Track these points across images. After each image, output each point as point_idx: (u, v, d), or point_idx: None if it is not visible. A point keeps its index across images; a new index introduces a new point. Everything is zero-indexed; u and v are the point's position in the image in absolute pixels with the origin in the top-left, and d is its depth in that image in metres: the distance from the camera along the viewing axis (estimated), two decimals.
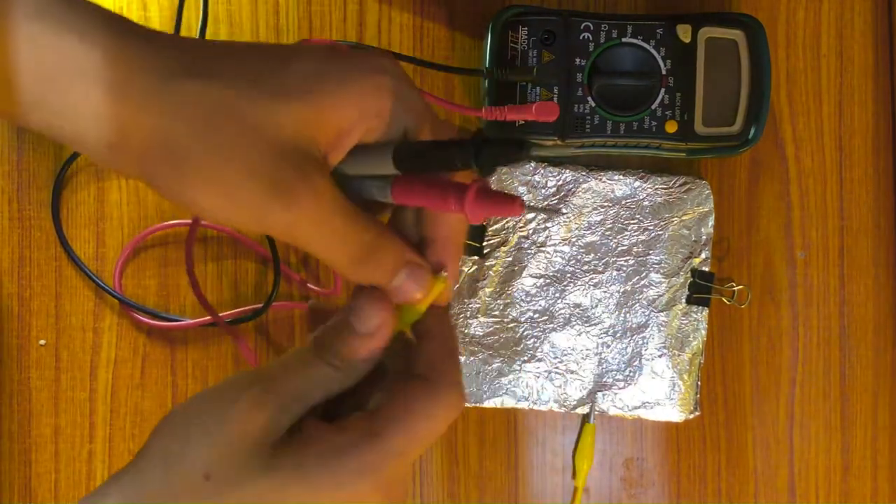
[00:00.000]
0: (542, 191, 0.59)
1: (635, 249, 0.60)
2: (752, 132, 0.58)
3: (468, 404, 0.59)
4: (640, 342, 0.60)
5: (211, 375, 0.59)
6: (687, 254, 0.60)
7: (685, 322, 0.60)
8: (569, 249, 0.60)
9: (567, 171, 0.59)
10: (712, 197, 0.60)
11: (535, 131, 0.56)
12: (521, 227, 0.59)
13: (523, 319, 0.59)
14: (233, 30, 0.59)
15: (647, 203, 0.60)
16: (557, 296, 0.60)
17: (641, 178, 0.60)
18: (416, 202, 0.33)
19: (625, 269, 0.60)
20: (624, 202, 0.60)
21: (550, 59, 0.55)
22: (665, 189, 0.60)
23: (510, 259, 0.59)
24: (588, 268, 0.60)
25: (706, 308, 0.60)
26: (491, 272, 0.59)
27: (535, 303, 0.59)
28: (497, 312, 0.59)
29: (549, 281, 0.60)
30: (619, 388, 0.60)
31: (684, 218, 0.60)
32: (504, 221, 0.59)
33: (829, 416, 0.62)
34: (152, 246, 0.58)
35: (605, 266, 0.60)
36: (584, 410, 0.60)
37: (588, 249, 0.60)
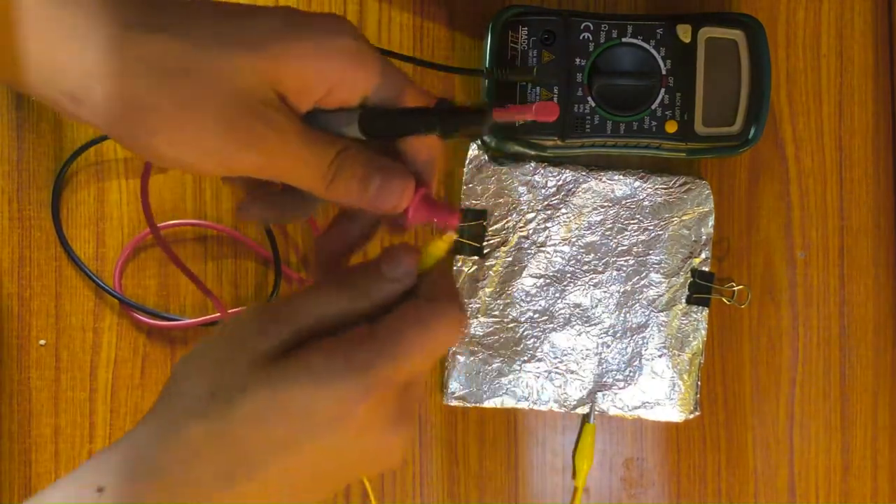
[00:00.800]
0: (542, 191, 0.59)
1: (635, 249, 0.60)
2: (752, 132, 0.58)
3: (468, 404, 0.59)
4: (640, 342, 0.60)
5: None
6: (687, 254, 0.60)
7: (685, 322, 0.60)
8: (569, 249, 0.60)
9: (567, 171, 0.59)
10: (712, 197, 0.60)
11: (535, 131, 0.56)
12: (521, 227, 0.59)
13: (523, 319, 0.59)
14: None
15: (647, 203, 0.60)
16: (557, 296, 0.59)
17: (641, 178, 0.60)
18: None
19: (625, 269, 0.60)
20: (624, 202, 0.60)
21: (550, 59, 0.55)
22: (665, 189, 0.60)
23: (510, 259, 0.59)
24: (588, 268, 0.60)
25: (706, 308, 0.60)
26: (491, 272, 0.59)
27: (535, 303, 0.59)
28: (497, 312, 0.59)
29: (549, 281, 0.60)
30: (619, 388, 0.60)
31: (684, 218, 0.60)
32: (504, 221, 0.59)
33: (829, 416, 0.62)
34: (152, 246, 0.58)
35: (605, 266, 0.60)
36: (584, 410, 0.60)
37: (588, 249, 0.60)
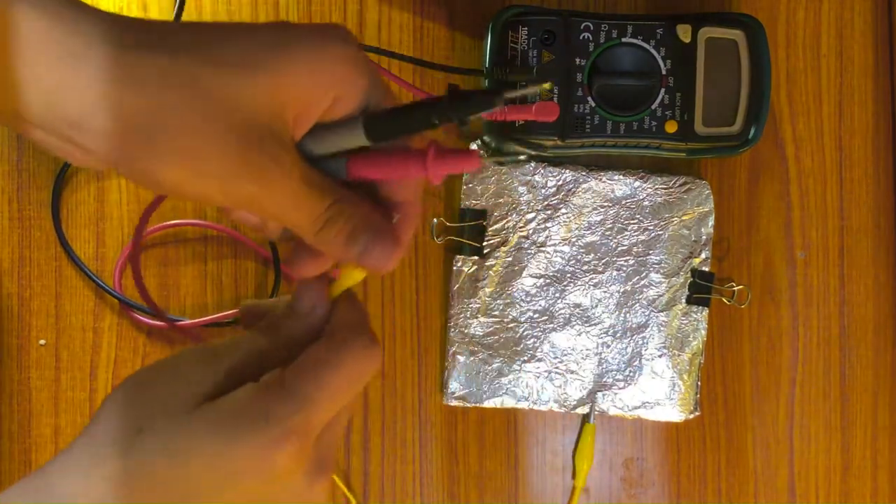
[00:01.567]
0: (542, 191, 0.59)
1: (635, 249, 0.60)
2: (752, 132, 0.57)
3: (468, 404, 0.59)
4: (640, 342, 0.60)
5: None
6: (687, 254, 0.60)
7: (685, 322, 0.60)
8: (569, 249, 0.60)
9: (567, 171, 0.59)
10: (712, 197, 0.60)
11: (535, 131, 0.56)
12: (521, 227, 0.59)
13: (523, 319, 0.59)
14: None
15: (647, 203, 0.60)
16: (557, 296, 0.59)
17: (641, 178, 0.60)
18: (374, 175, 0.34)
19: (625, 269, 0.60)
20: (624, 202, 0.60)
21: (550, 59, 0.55)
22: (665, 189, 0.60)
23: (510, 259, 0.59)
24: (588, 268, 0.60)
25: (706, 308, 0.60)
26: (491, 272, 0.59)
27: (535, 303, 0.59)
28: (497, 312, 0.59)
29: (549, 281, 0.59)
30: (619, 388, 0.60)
31: (684, 218, 0.60)
32: (504, 221, 0.59)
33: (829, 416, 0.62)
34: (152, 246, 0.58)
35: (605, 266, 0.60)
36: (584, 410, 0.60)
37: (588, 249, 0.60)
